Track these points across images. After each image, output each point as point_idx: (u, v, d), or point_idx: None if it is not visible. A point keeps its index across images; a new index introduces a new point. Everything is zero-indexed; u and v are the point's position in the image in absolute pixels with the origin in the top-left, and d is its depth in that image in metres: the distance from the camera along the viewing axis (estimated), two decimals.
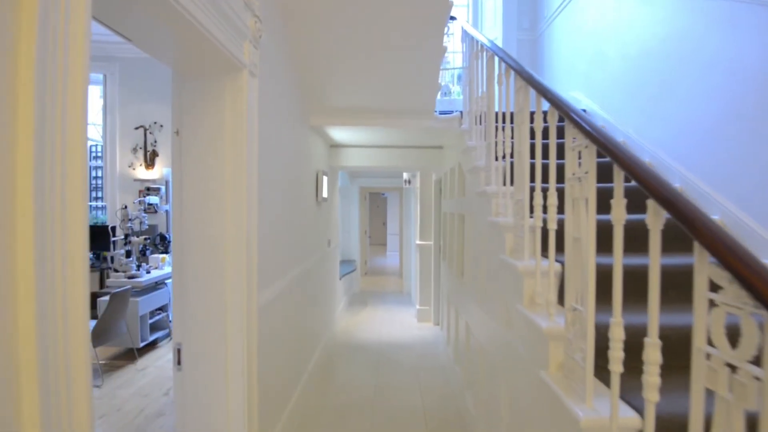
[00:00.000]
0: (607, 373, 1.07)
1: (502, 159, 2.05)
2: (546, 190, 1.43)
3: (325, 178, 3.96)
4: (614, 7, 3.19)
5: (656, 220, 0.84)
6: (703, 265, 0.73)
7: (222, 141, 1.69)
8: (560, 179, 1.56)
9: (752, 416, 0.71)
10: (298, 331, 3.02)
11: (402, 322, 5.57)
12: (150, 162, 5.32)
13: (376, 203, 13.64)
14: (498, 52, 2.06)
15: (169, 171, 5.10)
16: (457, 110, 3.42)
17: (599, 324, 1.18)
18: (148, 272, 4.28)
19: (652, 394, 0.85)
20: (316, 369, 3.68)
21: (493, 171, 2.18)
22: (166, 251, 4.98)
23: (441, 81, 3.16)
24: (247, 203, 1.74)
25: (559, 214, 1.55)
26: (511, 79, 1.92)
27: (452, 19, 3.61)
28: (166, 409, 3.03)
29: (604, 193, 1.33)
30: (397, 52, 2.60)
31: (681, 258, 1.61)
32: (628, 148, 0.96)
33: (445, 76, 5.11)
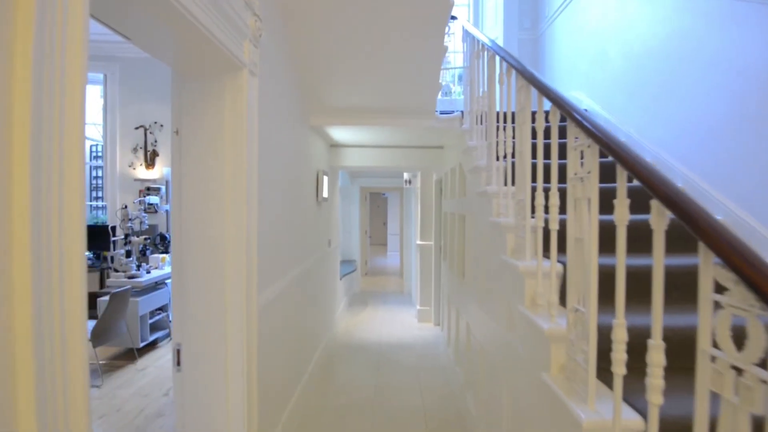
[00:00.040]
0: (609, 375, 1.06)
1: (503, 159, 2.04)
2: (548, 190, 1.42)
3: (326, 178, 3.95)
4: (616, 6, 3.18)
5: (660, 220, 0.83)
6: (708, 266, 0.72)
7: (222, 141, 1.69)
8: (562, 179, 1.55)
9: (758, 420, 0.70)
10: (298, 332, 3.02)
11: (402, 323, 5.57)
12: (150, 162, 5.31)
13: (376, 203, 13.63)
14: (499, 52, 2.05)
15: (169, 171, 5.09)
16: (457, 110, 3.41)
17: (601, 325, 1.17)
18: (148, 272, 4.28)
19: (656, 397, 0.84)
20: (316, 369, 3.68)
21: (494, 171, 2.17)
22: (167, 251, 4.98)
23: (442, 81, 3.15)
24: (247, 203, 1.73)
25: (561, 214, 1.54)
26: (513, 79, 1.91)
27: (453, 18, 3.60)
28: (166, 410, 3.02)
29: (606, 194, 1.32)
30: (398, 52, 2.59)
31: (683, 258, 1.60)
32: (631, 148, 0.95)
33: (445, 76, 5.10)
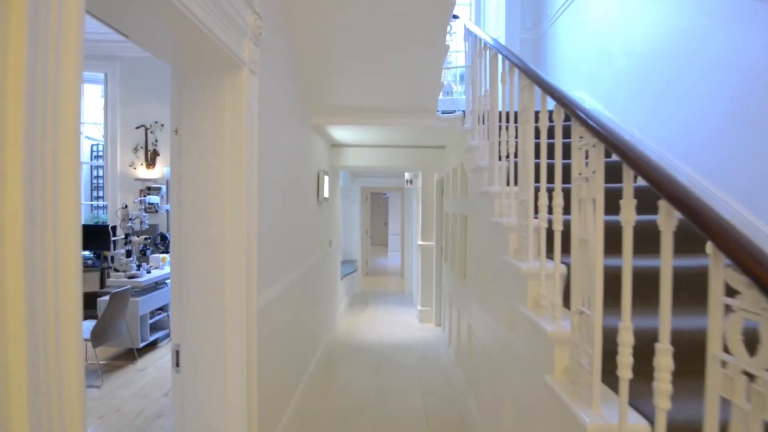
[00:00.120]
0: (614, 378, 1.04)
1: (505, 159, 2.03)
2: (551, 191, 1.40)
3: (327, 178, 3.94)
4: (618, 5, 3.16)
5: (668, 221, 0.81)
6: (719, 269, 0.70)
7: (222, 140, 1.67)
8: (565, 179, 1.54)
9: None
10: (298, 332, 3.00)
11: (403, 323, 5.55)
12: (151, 161, 5.30)
13: (377, 203, 13.61)
14: (501, 50, 2.03)
15: (170, 170, 5.08)
16: (459, 110, 3.39)
17: (606, 328, 1.15)
18: (149, 272, 4.27)
19: (664, 402, 0.82)
20: (316, 370, 3.66)
21: (496, 171, 2.15)
22: (167, 251, 4.96)
23: (443, 80, 3.13)
24: (247, 203, 1.72)
25: (564, 215, 1.52)
26: (515, 78, 1.89)
27: (455, 17, 3.58)
28: (166, 410, 3.01)
29: (610, 194, 1.30)
30: (400, 51, 2.58)
31: (689, 259, 1.58)
32: (638, 147, 0.93)
33: (447, 76, 5.08)
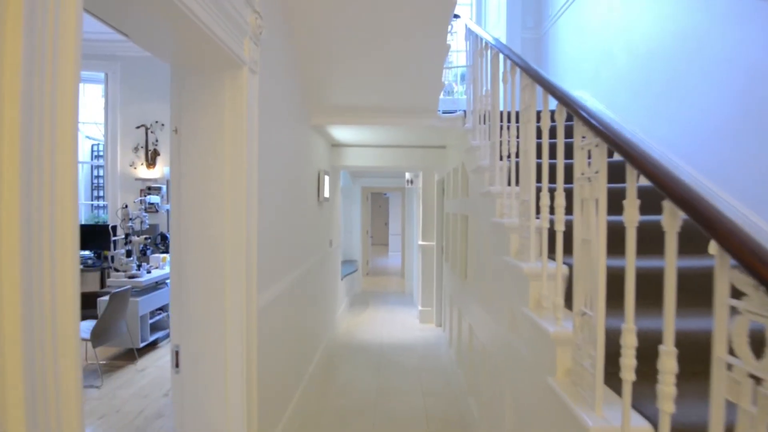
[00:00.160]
0: (616, 380, 1.03)
1: (506, 158, 2.01)
2: (553, 191, 1.39)
3: (327, 178, 3.93)
4: (620, 4, 3.14)
5: (673, 221, 0.80)
6: (725, 270, 0.69)
7: (221, 140, 1.66)
8: (567, 179, 1.52)
9: None
10: (298, 333, 2.99)
11: (404, 324, 5.54)
12: (151, 161, 5.30)
13: (378, 203, 13.60)
14: (503, 50, 2.02)
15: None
16: (460, 109, 3.38)
17: (608, 329, 1.14)
18: (149, 272, 4.26)
19: (668, 405, 0.81)
20: (317, 370, 3.65)
21: (497, 171, 2.14)
22: (167, 251, 4.96)
23: (444, 80, 3.12)
24: (247, 203, 1.71)
25: (566, 215, 1.51)
26: (517, 77, 1.88)
27: (456, 17, 3.57)
28: (166, 411, 3.00)
29: (613, 194, 1.29)
30: (400, 50, 2.57)
31: (692, 260, 1.56)
32: (642, 146, 0.91)
33: (448, 75, 5.07)
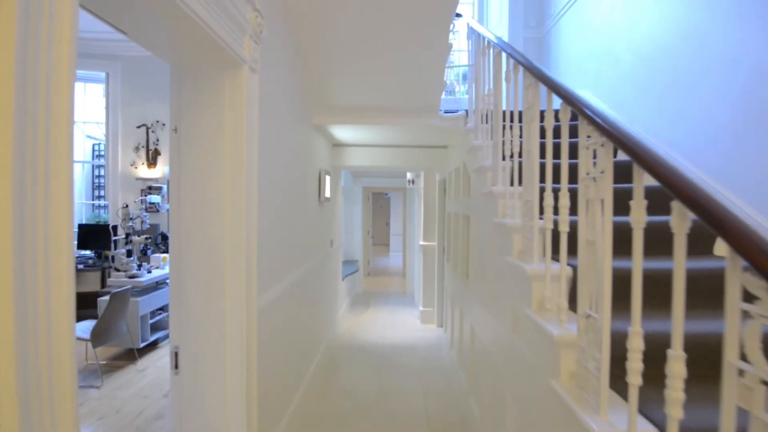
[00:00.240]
0: (621, 383, 1.01)
1: (509, 158, 2.00)
2: (557, 191, 1.37)
3: (328, 178, 3.91)
4: (624, 2, 3.12)
5: (681, 222, 0.78)
6: (736, 273, 0.67)
7: (221, 139, 1.65)
8: (571, 179, 1.50)
9: None
10: (299, 333, 2.97)
11: (405, 324, 5.52)
12: (152, 161, 5.29)
13: (379, 203, 13.58)
14: (506, 48, 2.00)
15: None
16: (461, 109, 3.36)
17: (614, 331, 1.12)
18: (149, 272, 4.25)
19: (676, 411, 0.79)
20: (318, 371, 3.63)
21: (500, 171, 2.12)
22: (168, 251, 4.94)
23: (445, 79, 3.10)
24: (247, 203, 1.69)
25: (570, 215, 1.49)
26: (520, 76, 1.86)
27: (458, 16, 3.55)
28: (166, 411, 2.99)
29: (616, 194, 1.26)
30: (402, 49, 2.55)
31: (698, 261, 1.54)
32: (649, 146, 0.89)
33: (449, 75, 5.05)
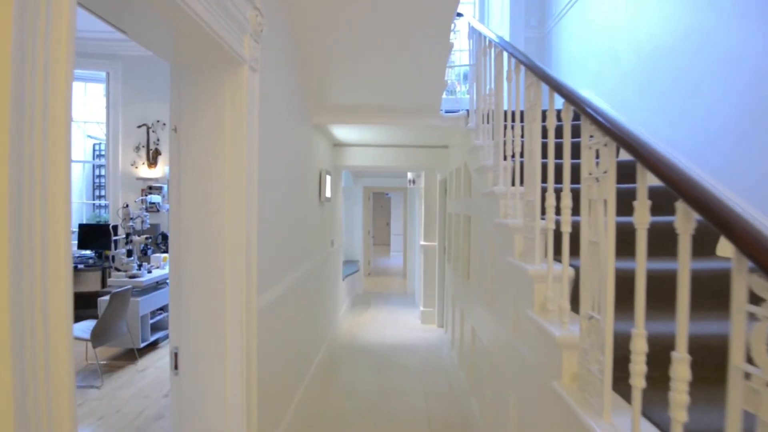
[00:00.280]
0: (624, 385, 1.00)
1: (511, 158, 1.98)
2: (559, 191, 1.36)
3: (329, 178, 3.90)
4: (625, 2, 3.11)
5: (686, 223, 0.77)
6: (742, 274, 0.66)
7: (221, 138, 1.64)
8: (573, 180, 1.50)
9: None
10: (299, 334, 2.97)
11: (405, 324, 5.50)
12: (152, 160, 5.28)
13: (379, 203, 13.57)
14: (507, 48, 1.99)
15: None
16: (462, 109, 3.35)
17: (616, 333, 1.11)
18: (150, 272, 4.24)
19: (681, 414, 0.78)
20: (318, 371, 3.62)
21: (501, 171, 2.11)
22: (168, 251, 4.94)
23: (446, 79, 3.09)
24: (247, 203, 1.68)
25: (573, 216, 1.48)
26: (521, 75, 1.85)
27: (459, 15, 3.54)
28: (166, 412, 2.98)
29: (619, 195, 1.25)
30: (403, 48, 2.54)
31: (699, 262, 1.53)
32: (654, 145, 0.88)
33: (450, 75, 5.04)
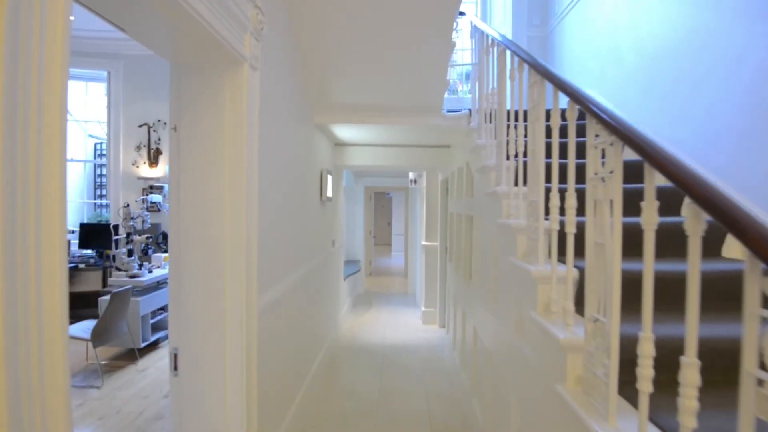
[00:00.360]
0: (630, 389, 0.98)
1: (513, 158, 1.97)
2: (563, 191, 1.34)
3: (330, 178, 3.89)
4: (628, 1, 3.08)
5: (696, 224, 0.75)
6: (756, 277, 0.64)
7: (221, 138, 1.62)
8: (578, 180, 1.47)
9: None
10: (300, 334, 2.95)
11: (407, 324, 5.49)
12: (153, 160, 5.27)
13: (381, 203, 13.55)
14: (510, 46, 1.97)
15: None
16: (464, 108, 3.33)
17: (622, 336, 1.09)
18: (150, 271, 4.23)
19: (690, 420, 0.76)
20: (319, 372, 3.61)
21: (504, 170, 2.09)
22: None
23: (448, 78, 3.07)
24: (247, 202, 1.67)
25: (577, 216, 1.46)
26: (524, 74, 1.83)
27: (461, 14, 3.52)
28: (166, 412, 2.97)
29: (626, 195, 1.23)
30: (405, 47, 2.52)
31: (708, 264, 1.51)
32: (661, 144, 0.86)
33: (452, 74, 5.02)
